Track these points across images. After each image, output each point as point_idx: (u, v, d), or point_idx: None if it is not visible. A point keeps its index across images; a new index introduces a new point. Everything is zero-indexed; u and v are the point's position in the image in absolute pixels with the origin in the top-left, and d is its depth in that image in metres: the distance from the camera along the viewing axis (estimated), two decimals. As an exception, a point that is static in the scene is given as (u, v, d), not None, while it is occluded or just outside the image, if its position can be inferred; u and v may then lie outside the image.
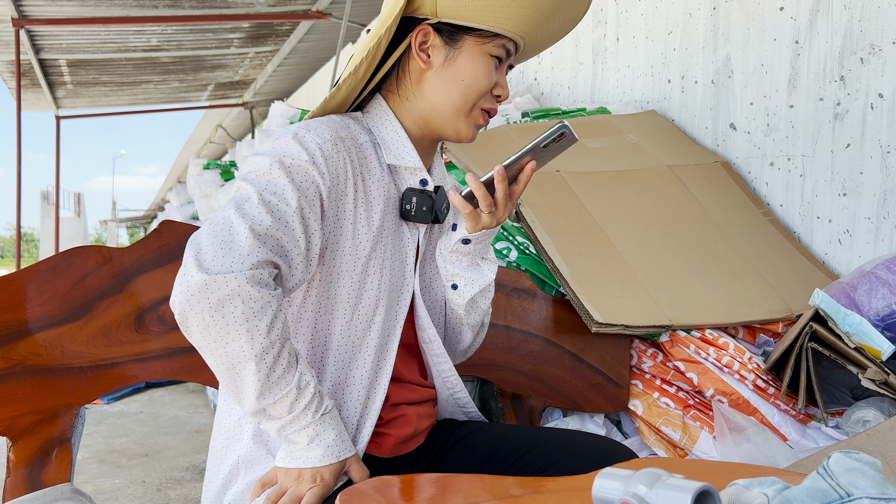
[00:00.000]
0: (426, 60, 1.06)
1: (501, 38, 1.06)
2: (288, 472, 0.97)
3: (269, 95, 9.45)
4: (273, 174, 0.96)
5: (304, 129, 1.00)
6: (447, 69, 1.06)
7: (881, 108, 1.91)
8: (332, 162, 0.99)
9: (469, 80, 1.06)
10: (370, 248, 1.05)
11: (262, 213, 0.93)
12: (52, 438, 1.19)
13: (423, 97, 1.08)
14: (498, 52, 1.06)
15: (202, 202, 3.70)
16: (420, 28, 1.05)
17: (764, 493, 0.67)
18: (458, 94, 1.06)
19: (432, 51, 1.06)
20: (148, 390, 4.88)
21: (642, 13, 2.77)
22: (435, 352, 1.17)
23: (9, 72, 7.51)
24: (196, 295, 0.88)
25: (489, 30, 1.04)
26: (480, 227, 1.08)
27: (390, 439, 1.10)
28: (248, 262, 0.90)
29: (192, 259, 0.89)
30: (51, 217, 21.34)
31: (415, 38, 1.06)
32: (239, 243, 0.90)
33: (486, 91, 1.07)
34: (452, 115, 1.07)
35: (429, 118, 1.09)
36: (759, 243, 2.01)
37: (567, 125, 1.03)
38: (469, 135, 1.10)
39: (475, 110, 1.08)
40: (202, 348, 0.91)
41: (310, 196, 0.97)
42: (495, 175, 1.02)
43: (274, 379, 0.92)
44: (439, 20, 1.04)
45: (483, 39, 1.05)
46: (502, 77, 1.09)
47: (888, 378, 1.44)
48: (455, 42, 1.05)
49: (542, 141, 1.02)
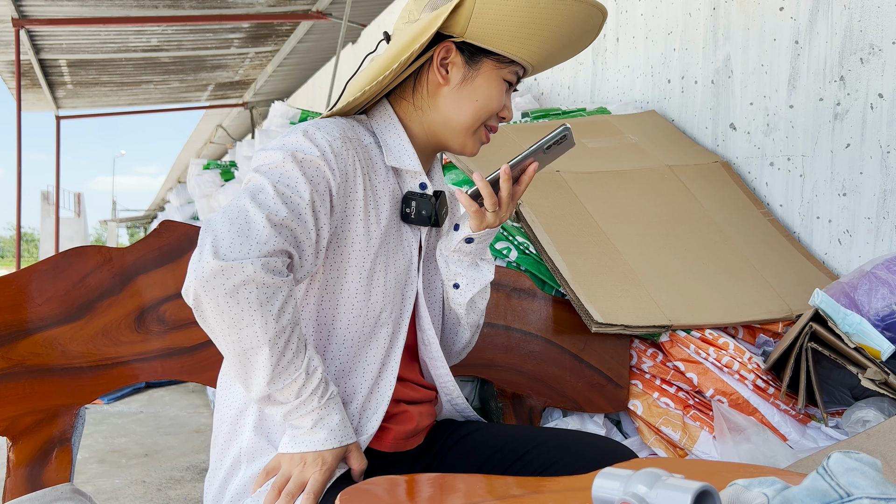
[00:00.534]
0: (445, 76, 1.09)
1: (517, 64, 1.09)
2: (292, 457, 0.99)
3: (269, 95, 9.45)
4: (286, 167, 0.98)
5: (315, 127, 1.03)
6: (464, 87, 1.09)
7: (881, 108, 1.91)
8: (342, 159, 1.02)
9: (483, 101, 1.09)
10: (378, 244, 1.07)
11: (277, 203, 0.95)
12: (52, 438, 1.19)
13: (436, 110, 1.11)
14: (511, 77, 1.10)
15: (202, 202, 3.70)
16: (444, 45, 1.07)
17: (764, 493, 0.67)
18: (471, 112, 1.10)
19: (452, 67, 1.09)
20: (148, 390, 4.88)
21: (642, 13, 2.77)
22: (433, 355, 1.18)
23: (9, 72, 7.52)
24: (211, 280, 0.89)
25: (508, 56, 1.07)
26: (484, 226, 1.11)
27: (391, 433, 1.11)
28: (265, 250, 0.92)
29: (209, 245, 0.90)
30: (51, 217, 21.35)
31: (438, 53, 1.08)
32: (256, 231, 0.92)
33: (494, 111, 1.11)
34: (462, 131, 1.11)
35: (438, 130, 1.12)
36: (759, 243, 2.01)
37: (569, 128, 1.07)
38: (474, 150, 1.14)
39: (482, 129, 1.12)
40: (215, 333, 0.93)
41: (321, 190, 0.99)
42: (501, 174, 1.06)
43: (284, 364, 0.94)
44: (464, 40, 1.07)
45: (501, 64, 1.08)
46: (509, 100, 1.13)
47: (888, 378, 1.44)
48: (475, 63, 1.08)
49: (546, 143, 1.07)
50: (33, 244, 48.14)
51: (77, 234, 25.49)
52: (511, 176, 1.07)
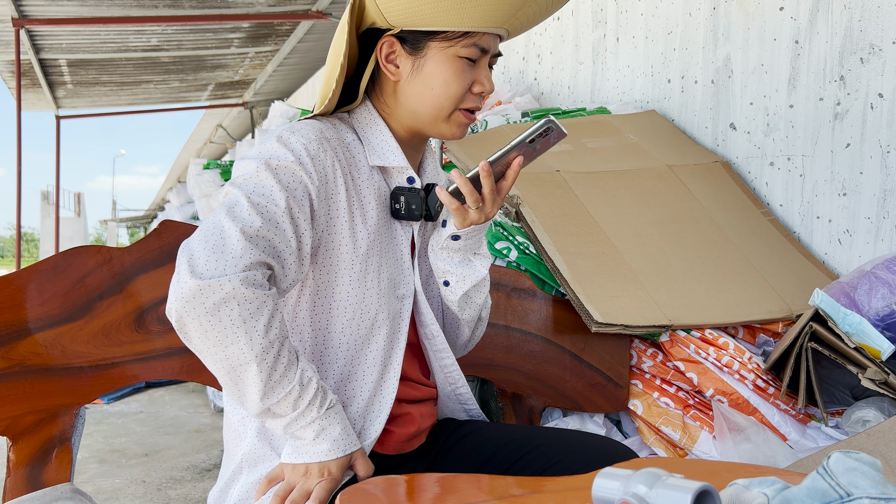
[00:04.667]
0: (395, 72, 1.05)
1: (472, 35, 1.01)
2: (295, 467, 0.97)
3: (269, 95, 9.45)
4: (260, 177, 0.96)
5: (289, 132, 1.00)
6: (416, 78, 1.04)
7: (881, 107, 1.91)
8: (319, 161, 0.99)
9: (439, 88, 1.04)
10: (367, 245, 1.05)
11: (251, 215, 0.93)
12: (52, 438, 1.19)
13: (400, 106, 1.07)
14: (469, 52, 1.02)
15: (202, 202, 3.70)
16: (383, 40, 1.03)
17: (764, 493, 0.67)
18: (431, 103, 1.05)
19: (399, 60, 1.05)
20: (148, 390, 4.88)
21: (642, 13, 2.77)
22: (437, 347, 1.17)
23: (9, 72, 7.51)
24: (191, 301, 0.88)
25: (455, 30, 1.01)
26: (469, 223, 1.06)
27: (394, 436, 1.11)
28: (241, 265, 0.90)
29: (185, 265, 0.89)
30: (51, 217, 21.33)
31: (379, 51, 1.04)
32: (231, 246, 0.91)
33: (459, 95, 1.05)
34: (431, 121, 1.07)
35: (412, 124, 1.09)
36: (759, 243, 2.01)
37: (553, 120, 1.01)
38: (455, 134, 1.09)
39: (455, 114, 1.07)
40: (202, 353, 0.92)
41: (298, 196, 0.97)
42: (480, 171, 1.01)
43: (276, 378, 0.93)
44: (401, 29, 1.02)
45: (449, 42, 1.02)
46: (481, 72, 1.05)
47: (888, 378, 1.44)
48: (419, 50, 1.03)
49: (528, 136, 1.01)
50: (33, 244, 48.12)
51: (77, 233, 25.48)
52: (491, 172, 1.01)
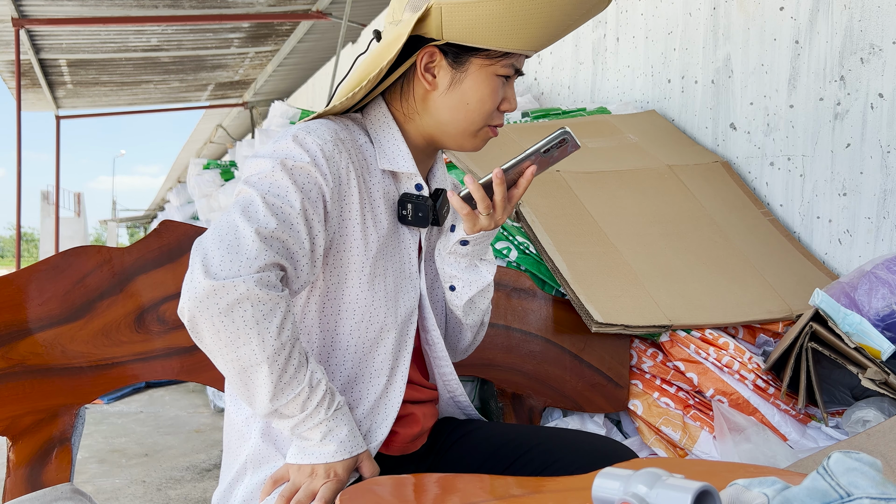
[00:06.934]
0: (431, 82, 1.04)
1: (511, 56, 1.02)
2: (301, 468, 0.97)
3: (269, 95, 9.45)
4: (276, 176, 0.95)
5: (305, 131, 0.99)
6: (452, 92, 1.03)
7: (881, 107, 1.91)
8: (334, 162, 0.99)
9: (474, 105, 1.04)
10: (378, 247, 1.05)
11: (267, 215, 0.93)
12: (52, 438, 1.19)
13: (428, 116, 1.06)
14: (506, 71, 1.03)
15: (202, 202, 3.70)
16: (426, 49, 1.02)
17: (764, 493, 0.67)
18: (463, 117, 1.04)
19: (438, 71, 1.04)
20: (148, 390, 4.88)
21: (642, 13, 2.77)
22: (437, 354, 1.17)
23: (9, 72, 7.51)
24: (205, 301, 0.87)
25: (498, 50, 1.01)
26: (478, 229, 1.06)
27: (399, 437, 1.11)
28: (256, 266, 0.90)
29: (199, 265, 0.89)
30: (51, 217, 21.32)
31: (420, 59, 1.03)
32: (245, 247, 0.90)
33: (491, 112, 1.05)
34: (458, 134, 1.06)
35: (434, 134, 1.08)
36: (759, 243, 2.01)
37: (568, 131, 1.01)
38: (476, 147, 1.09)
39: (483, 130, 1.07)
40: (213, 353, 0.91)
41: (313, 197, 0.97)
42: (494, 178, 1.01)
43: (286, 379, 0.92)
44: (446, 41, 1.01)
45: (491, 60, 1.02)
46: (510, 90, 1.07)
47: (888, 378, 1.44)
48: (461, 64, 1.03)
49: (543, 146, 1.02)
50: (33, 244, 48.11)
51: (77, 233, 25.47)
52: (504, 180, 1.01)
